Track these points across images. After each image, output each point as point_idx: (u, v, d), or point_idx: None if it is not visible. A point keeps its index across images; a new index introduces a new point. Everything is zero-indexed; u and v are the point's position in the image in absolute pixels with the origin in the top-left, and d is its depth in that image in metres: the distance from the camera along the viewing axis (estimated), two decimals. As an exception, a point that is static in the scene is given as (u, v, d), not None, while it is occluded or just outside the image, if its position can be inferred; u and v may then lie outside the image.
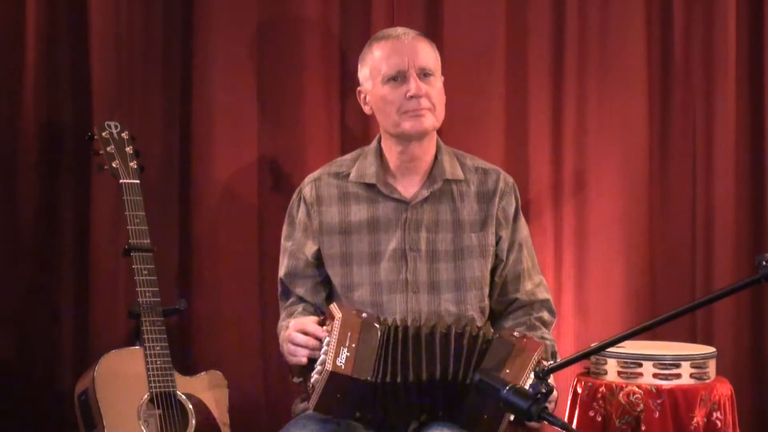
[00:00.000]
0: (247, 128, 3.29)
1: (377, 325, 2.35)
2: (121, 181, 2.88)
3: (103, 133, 2.93)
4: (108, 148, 2.91)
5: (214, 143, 3.26)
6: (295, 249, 2.69)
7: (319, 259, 2.66)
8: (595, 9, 3.41)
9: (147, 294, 2.79)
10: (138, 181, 2.89)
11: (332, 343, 2.30)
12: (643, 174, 3.44)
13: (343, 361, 2.28)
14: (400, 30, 2.64)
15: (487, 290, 2.65)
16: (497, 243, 2.65)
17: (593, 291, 3.41)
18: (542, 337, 2.60)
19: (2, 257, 3.16)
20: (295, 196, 2.73)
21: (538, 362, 2.36)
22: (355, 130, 3.31)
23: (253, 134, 3.30)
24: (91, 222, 3.16)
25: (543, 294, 2.70)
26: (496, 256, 2.65)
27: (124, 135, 2.95)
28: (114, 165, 2.90)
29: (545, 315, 2.68)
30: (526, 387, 2.22)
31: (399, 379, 2.31)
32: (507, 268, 2.66)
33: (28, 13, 3.13)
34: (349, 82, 3.32)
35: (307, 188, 2.70)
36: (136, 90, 3.23)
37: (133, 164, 2.91)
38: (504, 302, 2.68)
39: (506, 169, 2.78)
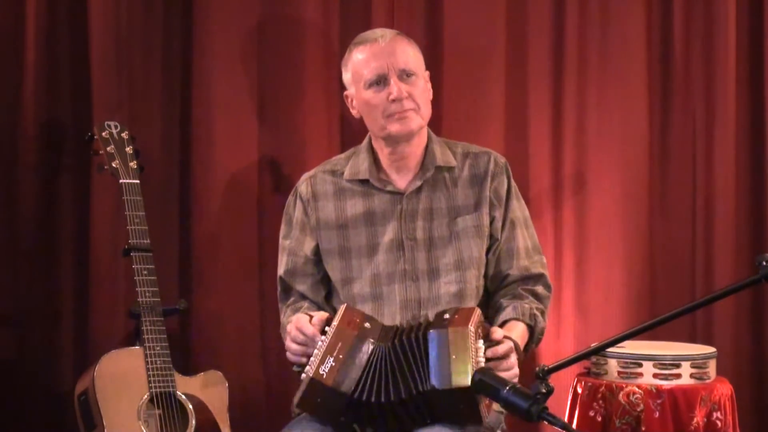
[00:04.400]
0: (247, 128, 3.29)
1: (372, 340, 2.33)
2: (121, 181, 2.88)
3: (103, 133, 2.93)
4: (108, 148, 2.91)
5: (214, 143, 3.26)
6: (294, 247, 2.69)
7: (318, 256, 2.67)
8: (595, 9, 3.41)
9: (147, 294, 2.79)
10: (138, 181, 2.89)
11: (321, 349, 2.30)
12: (643, 174, 3.44)
13: (326, 370, 2.28)
14: (378, 32, 2.64)
15: (483, 270, 2.64)
16: (491, 223, 2.65)
17: (593, 291, 3.41)
18: (528, 305, 2.58)
19: (2, 257, 3.16)
20: (291, 195, 2.74)
21: (479, 327, 2.30)
22: (355, 129, 3.30)
23: (253, 134, 3.30)
24: (91, 222, 3.16)
25: (537, 269, 2.68)
26: (491, 236, 2.65)
27: (124, 135, 2.95)
28: (114, 165, 2.90)
29: (539, 288, 2.66)
30: (480, 360, 2.23)
31: (382, 397, 2.29)
32: (500, 245, 2.65)
33: (28, 13, 3.13)
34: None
35: (302, 186, 2.71)
36: (136, 90, 3.23)
37: (133, 164, 2.91)
38: (498, 279, 2.67)
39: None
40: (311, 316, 2.43)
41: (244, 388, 3.18)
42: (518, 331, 2.53)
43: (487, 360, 2.30)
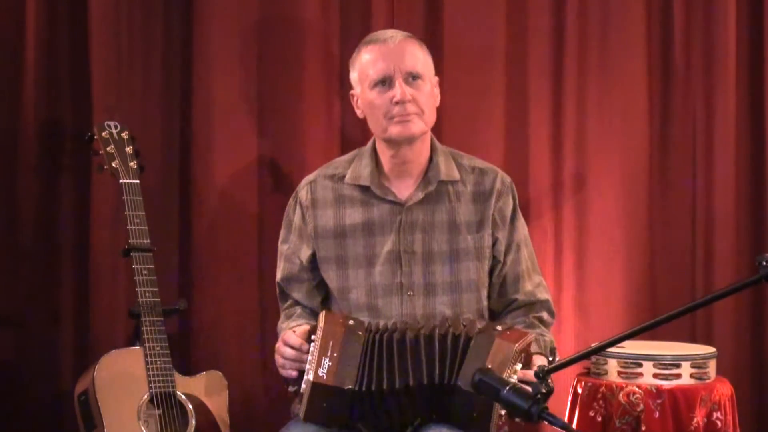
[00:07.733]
0: (246, 128, 3.29)
1: (360, 333, 2.34)
2: (121, 181, 2.88)
3: (103, 133, 2.93)
4: (108, 148, 2.92)
5: (214, 143, 3.26)
6: (290, 253, 2.69)
7: (314, 263, 2.66)
8: (595, 9, 3.41)
9: (147, 294, 2.79)
10: (138, 181, 2.89)
11: (315, 353, 2.31)
12: (643, 174, 3.44)
13: (325, 371, 2.29)
14: (389, 33, 2.62)
15: (485, 292, 2.64)
16: (494, 244, 2.63)
17: (593, 291, 3.41)
18: (540, 335, 2.59)
19: (2, 257, 3.16)
20: (291, 198, 2.73)
21: (523, 352, 2.33)
22: (355, 130, 3.31)
23: (252, 134, 3.30)
24: (91, 222, 3.16)
25: (543, 294, 2.69)
26: (494, 257, 2.64)
27: (124, 135, 2.95)
28: (114, 165, 2.90)
29: (545, 315, 2.67)
30: (513, 379, 2.23)
31: (385, 386, 2.30)
32: (505, 269, 2.65)
33: (28, 14, 3.13)
34: (348, 82, 3.32)
35: (302, 191, 2.69)
36: (136, 90, 3.23)
37: (133, 164, 2.92)
38: (503, 303, 2.67)
39: (506, 169, 2.79)
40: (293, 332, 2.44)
41: (244, 388, 3.18)
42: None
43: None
